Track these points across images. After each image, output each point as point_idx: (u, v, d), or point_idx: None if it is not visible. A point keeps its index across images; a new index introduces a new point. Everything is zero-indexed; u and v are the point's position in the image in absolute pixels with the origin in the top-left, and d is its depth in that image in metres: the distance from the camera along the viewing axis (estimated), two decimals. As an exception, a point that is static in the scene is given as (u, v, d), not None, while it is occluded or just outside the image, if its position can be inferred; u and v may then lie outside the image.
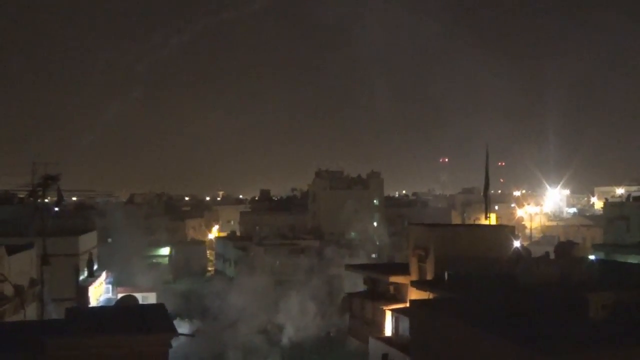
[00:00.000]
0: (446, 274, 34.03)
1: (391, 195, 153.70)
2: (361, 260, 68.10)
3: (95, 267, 64.78)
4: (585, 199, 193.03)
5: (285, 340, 54.68)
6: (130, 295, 45.46)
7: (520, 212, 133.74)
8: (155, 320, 17.38)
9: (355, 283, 50.87)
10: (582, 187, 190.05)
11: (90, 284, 58.13)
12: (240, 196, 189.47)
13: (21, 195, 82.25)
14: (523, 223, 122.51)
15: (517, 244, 40.19)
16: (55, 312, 42.33)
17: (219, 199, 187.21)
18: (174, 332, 17.04)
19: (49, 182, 45.23)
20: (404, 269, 39.67)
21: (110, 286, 66.44)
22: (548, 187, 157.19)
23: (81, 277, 57.95)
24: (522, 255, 37.39)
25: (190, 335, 18.68)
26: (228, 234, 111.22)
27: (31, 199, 50.35)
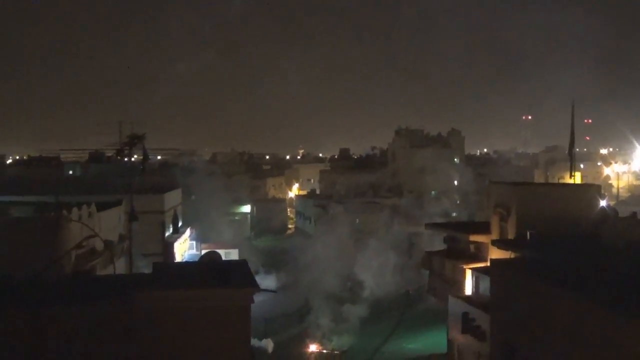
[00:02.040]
0: (528, 234, 33.48)
1: (472, 153, 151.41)
2: (441, 218, 67.65)
3: (180, 223, 66.62)
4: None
5: (365, 296, 55.10)
6: (213, 251, 46.24)
7: (607, 171, 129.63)
8: (238, 276, 17.79)
9: (435, 241, 50.67)
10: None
11: (176, 240, 59.89)
12: (320, 155, 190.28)
13: (109, 154, 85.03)
14: (610, 182, 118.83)
15: (603, 203, 39.02)
16: (143, 267, 43.86)
17: (299, 157, 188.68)
18: (256, 287, 17.42)
19: (135, 141, 46.42)
20: (484, 228, 39.19)
21: (194, 242, 68.32)
22: (637, 144, 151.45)
23: (167, 234, 59.73)
24: (608, 215, 36.31)
25: (273, 291, 19.09)
26: (308, 192, 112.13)
27: (118, 157, 51.87)
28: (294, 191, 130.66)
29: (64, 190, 55.81)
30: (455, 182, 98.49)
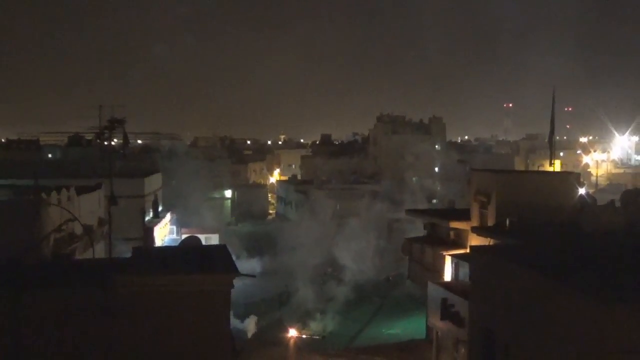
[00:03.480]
0: (508, 221, 33.71)
1: (453, 140, 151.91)
2: (422, 205, 67.88)
3: (160, 208, 66.31)
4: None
5: (345, 281, 55.30)
6: (193, 236, 46.19)
7: (586, 159, 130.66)
8: (218, 261, 17.76)
9: (416, 227, 50.86)
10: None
11: (156, 224, 59.63)
12: (302, 140, 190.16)
13: (89, 138, 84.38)
14: (589, 170, 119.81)
15: (582, 191, 39.34)
16: (123, 251, 43.64)
17: (280, 142, 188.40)
18: (235, 272, 17.40)
19: (115, 125, 46.15)
20: (464, 215, 39.42)
21: (174, 227, 68.07)
22: (616, 133, 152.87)
23: (147, 218, 59.43)
24: (586, 203, 36.65)
25: (252, 276, 19.08)
26: (289, 178, 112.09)
27: (98, 141, 51.53)
28: (275, 176, 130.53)
29: (43, 173, 55.36)
30: (436, 169, 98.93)
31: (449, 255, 37.13)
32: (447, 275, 37.69)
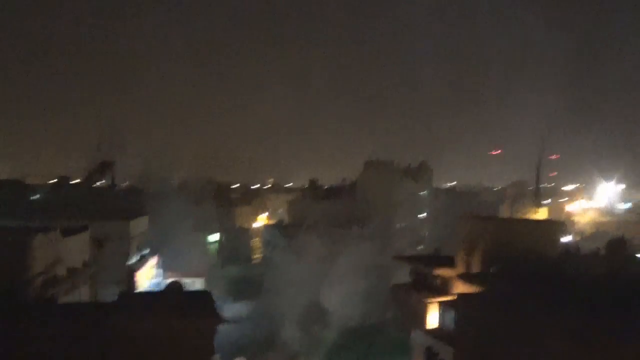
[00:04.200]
0: (493, 268, 33.87)
1: (441, 186, 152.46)
2: (409, 250, 67.93)
3: (146, 251, 65.94)
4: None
5: (332, 326, 54.96)
6: (177, 281, 46.35)
7: (571, 207, 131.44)
8: (203, 307, 17.75)
9: (403, 272, 50.82)
10: (637, 181, 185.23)
11: (140, 267, 59.27)
12: (290, 184, 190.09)
13: (77, 180, 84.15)
14: (573, 218, 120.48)
15: (566, 239, 39.67)
16: (106, 295, 43.36)
17: (267, 187, 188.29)
18: (219, 318, 17.38)
19: (104, 168, 46.37)
20: (450, 262, 39.57)
21: (160, 270, 67.60)
22: (603, 180, 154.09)
23: (132, 261, 59.09)
24: (570, 252, 36.95)
25: (236, 322, 18.98)
26: (276, 222, 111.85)
27: (88, 182, 51.63)
28: (262, 220, 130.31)
29: (29, 214, 55.22)
30: (423, 215, 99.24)
31: (435, 302, 37.14)
32: (433, 322, 37.61)
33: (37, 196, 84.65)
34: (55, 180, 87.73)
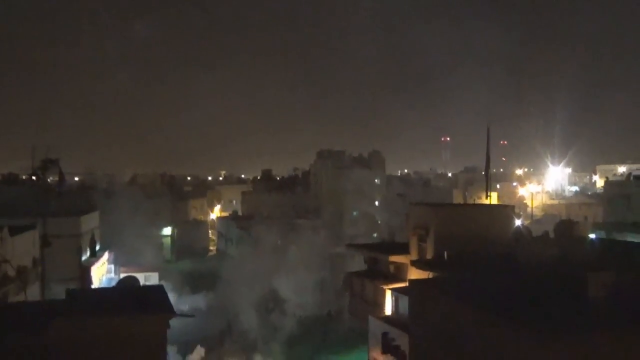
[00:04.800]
0: (445, 254, 34.19)
1: (393, 174, 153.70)
2: (363, 238, 68.26)
3: (98, 247, 65.01)
4: (587, 177, 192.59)
5: (287, 318, 54.99)
6: (130, 276, 45.78)
7: (522, 191, 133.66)
8: (155, 302, 17.52)
9: (357, 261, 51.06)
10: (584, 165, 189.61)
11: (93, 264, 58.37)
12: (243, 176, 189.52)
13: (23, 177, 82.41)
14: (525, 202, 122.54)
15: (517, 223, 40.28)
16: (57, 293, 42.56)
17: (221, 178, 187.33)
18: (172, 313, 17.18)
19: (49, 165, 45.27)
20: (404, 249, 39.77)
21: (112, 266, 66.75)
22: (550, 165, 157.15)
23: (84, 257, 58.17)
24: (521, 235, 37.50)
25: (190, 316, 18.85)
26: (230, 214, 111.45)
27: (33, 178, 50.45)
28: (216, 213, 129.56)
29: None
30: (377, 203, 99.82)
31: (389, 289, 37.33)
32: (388, 309, 37.84)
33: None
34: (1, 177, 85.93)
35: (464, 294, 23.40)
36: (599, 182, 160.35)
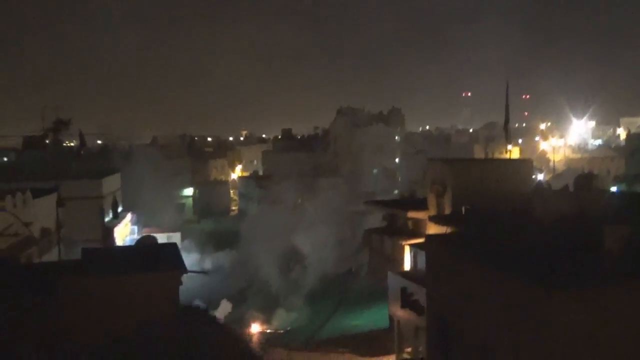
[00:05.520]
0: (464, 209, 34.17)
1: (413, 131, 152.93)
2: (383, 196, 68.28)
3: (120, 208, 65.77)
4: (611, 130, 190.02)
5: (308, 274, 55.55)
6: (149, 235, 46.19)
7: (544, 145, 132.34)
8: (167, 259, 17.75)
9: (376, 219, 51.22)
10: (608, 118, 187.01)
11: (116, 225, 59.16)
12: (264, 135, 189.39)
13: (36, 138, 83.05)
14: (547, 156, 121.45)
15: (539, 177, 40.04)
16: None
17: (242, 138, 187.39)
18: (183, 269, 17.40)
19: (60, 126, 45.43)
20: (422, 205, 39.84)
21: (135, 227, 67.58)
22: (573, 118, 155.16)
23: (106, 219, 58.91)
24: (540, 189, 37.30)
25: (203, 273, 19.05)
26: (251, 174, 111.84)
27: (46, 141, 50.83)
28: (237, 173, 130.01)
29: (-3, 178, 54.57)
30: (397, 160, 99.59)
31: (408, 244, 37.51)
32: (407, 265, 38.06)
33: (5, 159, 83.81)
34: (23, 141, 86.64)
35: (480, 248, 23.45)
36: (623, 135, 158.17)
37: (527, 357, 18.06)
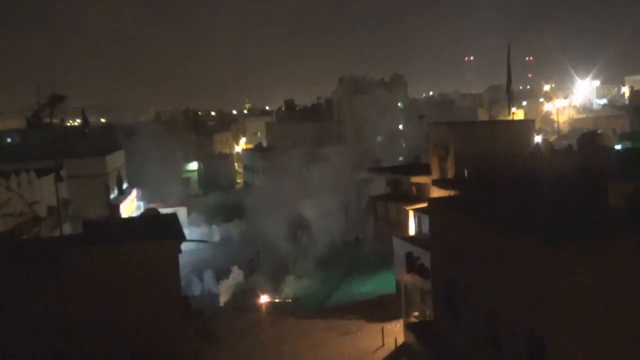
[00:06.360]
0: (466, 172, 34.16)
1: (417, 97, 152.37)
2: (388, 163, 68.27)
3: (125, 185, 65.97)
4: (616, 89, 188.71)
5: (315, 244, 55.85)
6: (151, 208, 46.60)
7: (548, 107, 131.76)
8: (167, 228, 17.86)
9: (381, 186, 51.26)
10: (613, 77, 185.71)
11: (121, 201, 59.38)
12: (267, 107, 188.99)
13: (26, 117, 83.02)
14: (551, 117, 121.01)
15: (538, 138, 39.94)
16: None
17: (245, 111, 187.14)
18: (182, 238, 17.52)
19: (55, 102, 45.00)
20: (425, 169, 39.82)
21: (141, 203, 67.86)
22: (577, 79, 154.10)
23: (112, 196, 59.15)
24: (539, 150, 37.23)
25: (203, 241, 19.19)
26: (255, 146, 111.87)
27: (48, 121, 50.56)
28: (241, 145, 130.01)
29: (1, 158, 54.76)
30: (400, 127, 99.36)
31: (412, 209, 37.59)
32: (412, 230, 38.18)
33: (9, 140, 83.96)
34: (26, 121, 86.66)
35: (482, 209, 23.47)
36: (628, 93, 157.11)
37: (532, 316, 18.16)
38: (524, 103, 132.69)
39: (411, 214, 37.91)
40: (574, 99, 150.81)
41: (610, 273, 16.92)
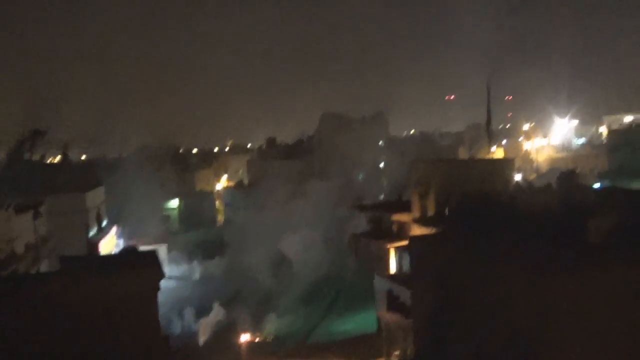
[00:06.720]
0: (447, 210, 34.35)
1: (398, 135, 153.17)
2: (369, 201, 68.40)
3: (105, 221, 65.49)
4: (594, 128, 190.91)
5: (296, 281, 55.62)
6: (130, 246, 46.16)
7: (527, 145, 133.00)
8: (145, 265, 17.73)
9: (363, 223, 51.30)
10: (591, 116, 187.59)
11: (101, 238, 58.87)
12: (249, 145, 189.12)
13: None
14: (530, 157, 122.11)
15: (518, 176, 40.28)
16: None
17: (227, 149, 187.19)
18: (161, 274, 17.38)
19: (36, 136, 44.91)
20: (406, 207, 39.99)
21: (121, 240, 67.30)
22: (556, 118, 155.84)
23: (91, 233, 58.65)
24: (520, 189, 37.55)
25: (180, 279, 19.06)
26: (236, 183, 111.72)
27: (16, 153, 50.27)
28: (223, 183, 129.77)
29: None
30: (382, 165, 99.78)
31: (393, 247, 37.68)
32: (392, 268, 38.21)
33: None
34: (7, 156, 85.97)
35: (461, 245, 23.57)
36: (606, 132, 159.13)
37: (518, 345, 18.16)
38: (504, 141, 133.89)
39: (392, 251, 37.98)
40: (553, 137, 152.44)
41: (603, 301, 17.08)
